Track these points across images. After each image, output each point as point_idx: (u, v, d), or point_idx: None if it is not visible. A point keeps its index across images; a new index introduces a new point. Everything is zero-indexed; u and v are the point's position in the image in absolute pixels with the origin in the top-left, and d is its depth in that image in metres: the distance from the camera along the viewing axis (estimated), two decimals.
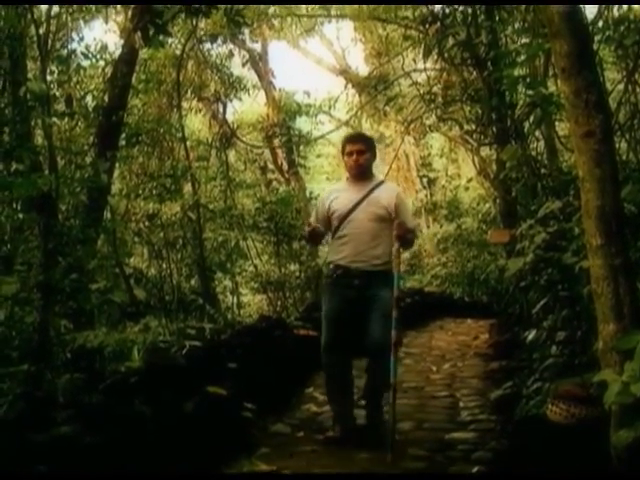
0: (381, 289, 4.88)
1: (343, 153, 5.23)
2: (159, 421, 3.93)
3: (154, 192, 9.07)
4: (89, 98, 8.43)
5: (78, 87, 8.88)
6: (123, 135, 8.21)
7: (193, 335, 5.30)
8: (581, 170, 2.99)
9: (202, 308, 8.40)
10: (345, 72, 17.27)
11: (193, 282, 9.78)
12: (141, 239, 9.15)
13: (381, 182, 5.31)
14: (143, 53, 9.51)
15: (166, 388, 4.28)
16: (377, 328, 4.81)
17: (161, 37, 5.17)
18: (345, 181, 5.39)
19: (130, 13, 8.73)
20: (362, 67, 17.46)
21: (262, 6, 12.73)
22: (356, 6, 13.39)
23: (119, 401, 3.99)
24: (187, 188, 10.07)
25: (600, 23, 5.50)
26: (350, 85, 16.55)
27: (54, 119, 5.72)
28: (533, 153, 6.53)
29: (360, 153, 5.09)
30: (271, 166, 16.08)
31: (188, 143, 11.01)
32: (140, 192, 9.23)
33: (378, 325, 4.80)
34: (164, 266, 8.97)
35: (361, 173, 5.13)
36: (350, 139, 5.32)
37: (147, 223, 8.93)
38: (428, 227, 18.28)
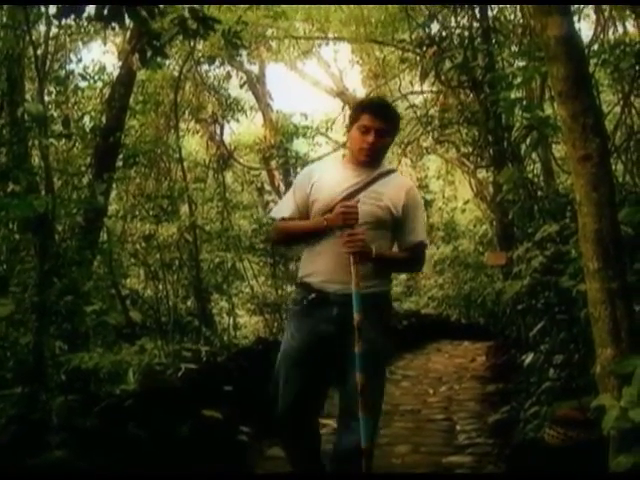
0: (373, 324, 3.31)
1: (353, 122, 3.49)
2: (154, 444, 3.90)
3: (151, 213, 9.06)
4: (86, 119, 8.43)
5: (75, 108, 8.91)
6: (120, 156, 8.22)
7: (189, 357, 5.26)
8: (578, 193, 2.98)
9: (198, 330, 8.36)
10: (342, 94, 17.34)
11: (189, 303, 9.72)
12: (137, 260, 9.12)
13: (390, 171, 3.63)
14: (141, 74, 9.53)
15: (161, 411, 4.25)
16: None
17: (159, 59, 5.17)
18: (340, 159, 3.87)
19: (128, 35, 8.79)
20: (359, 89, 17.54)
21: (260, 28, 12.79)
22: (353, 28, 13.45)
23: (114, 424, 3.96)
24: (184, 209, 10.07)
25: (596, 46, 5.56)
26: (348, 107, 16.61)
27: (51, 140, 5.71)
28: (530, 175, 6.55)
29: (381, 134, 3.43)
30: (268, 188, 16.09)
31: (185, 164, 10.99)
32: (137, 213, 9.23)
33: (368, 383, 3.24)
34: (160, 287, 8.92)
35: (372, 161, 3.51)
36: (374, 109, 3.49)
37: (143, 244, 8.90)
38: None
